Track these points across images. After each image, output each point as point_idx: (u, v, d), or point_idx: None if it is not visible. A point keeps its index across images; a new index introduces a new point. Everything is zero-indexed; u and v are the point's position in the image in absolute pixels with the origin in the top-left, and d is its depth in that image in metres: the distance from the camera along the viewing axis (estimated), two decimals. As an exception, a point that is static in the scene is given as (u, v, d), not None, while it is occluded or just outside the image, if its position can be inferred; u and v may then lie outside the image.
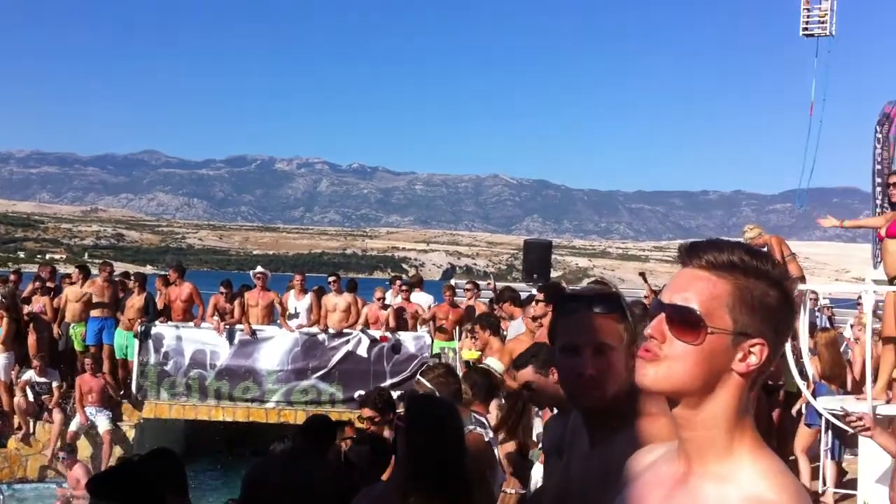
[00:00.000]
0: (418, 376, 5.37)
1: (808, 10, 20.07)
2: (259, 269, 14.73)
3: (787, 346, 8.47)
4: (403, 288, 14.83)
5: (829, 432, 8.21)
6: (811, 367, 8.27)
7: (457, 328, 13.34)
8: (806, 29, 20.01)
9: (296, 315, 14.39)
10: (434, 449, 3.49)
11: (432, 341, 13.86)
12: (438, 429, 3.57)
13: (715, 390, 1.51)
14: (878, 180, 21.69)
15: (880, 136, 22.61)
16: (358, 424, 6.96)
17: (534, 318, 7.73)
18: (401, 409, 6.39)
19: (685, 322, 1.50)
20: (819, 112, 20.85)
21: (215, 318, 14.33)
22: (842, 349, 12.12)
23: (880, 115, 22.78)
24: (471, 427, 4.87)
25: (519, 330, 8.34)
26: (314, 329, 14.27)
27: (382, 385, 13.02)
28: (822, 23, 20.02)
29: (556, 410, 3.78)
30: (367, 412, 6.18)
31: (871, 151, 22.59)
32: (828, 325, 13.44)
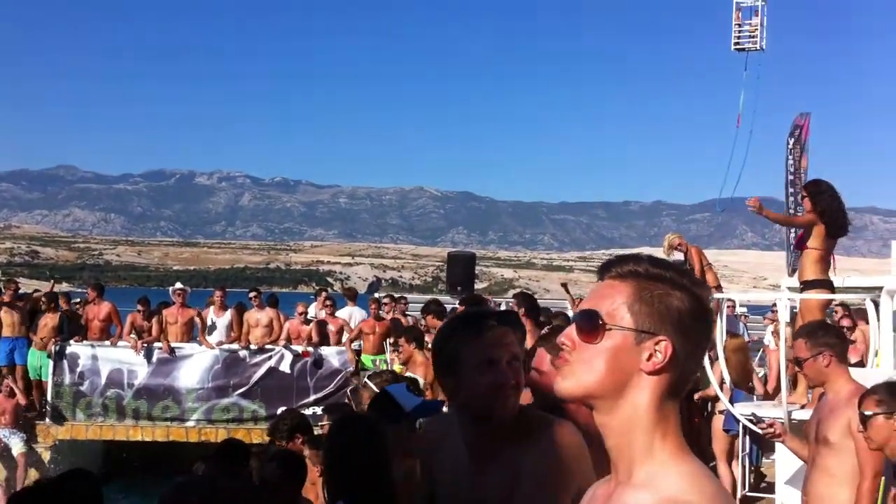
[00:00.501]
0: (365, 379, 5.39)
1: (740, 25, 20.62)
2: (178, 285, 14.46)
3: (705, 355, 8.62)
4: (328, 302, 14.70)
5: (747, 437, 8.38)
6: (727, 374, 8.43)
7: (385, 341, 13.33)
8: (738, 43, 20.56)
9: (213, 328, 14.16)
10: (359, 465, 3.49)
11: (359, 356, 13.74)
12: (363, 446, 3.56)
13: (626, 392, 1.54)
14: (791, 190, 22.42)
15: (792, 146, 23.44)
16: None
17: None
18: (322, 425, 6.36)
19: (589, 325, 1.56)
20: (749, 123, 21.41)
21: (132, 336, 14.02)
22: (759, 356, 12.45)
23: (792, 127, 23.59)
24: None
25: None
26: (235, 346, 14.05)
27: (302, 402, 12.94)
28: (753, 37, 20.58)
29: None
30: (277, 443, 6.14)
31: (784, 162, 23.38)
32: (744, 332, 13.72)
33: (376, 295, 15.75)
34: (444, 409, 3.77)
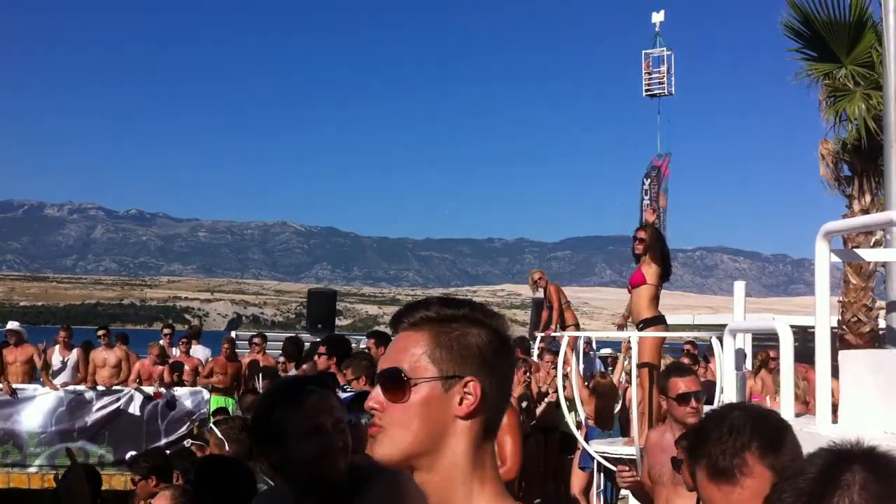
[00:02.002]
0: (211, 425, 5.32)
1: (650, 73, 21.84)
2: (10, 325, 13.75)
3: (560, 391, 8.75)
4: (183, 339, 14.27)
5: (602, 474, 8.51)
6: (583, 412, 8.56)
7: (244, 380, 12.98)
8: (648, 90, 21.74)
9: (63, 368, 13.51)
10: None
11: (210, 397, 13.35)
12: (230, 492, 3.53)
13: (444, 443, 1.48)
14: (645, 228, 23.21)
15: (647, 187, 24.43)
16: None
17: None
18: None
19: (393, 384, 1.50)
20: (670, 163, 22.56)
21: (-31, 377, 13.18)
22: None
23: (648, 168, 24.61)
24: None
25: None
26: (81, 387, 13.42)
27: (153, 446, 12.41)
28: (662, 84, 21.75)
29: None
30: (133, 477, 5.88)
31: (639, 202, 24.34)
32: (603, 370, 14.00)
33: (232, 334, 15.36)
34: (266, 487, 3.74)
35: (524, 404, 9.25)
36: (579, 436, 8.32)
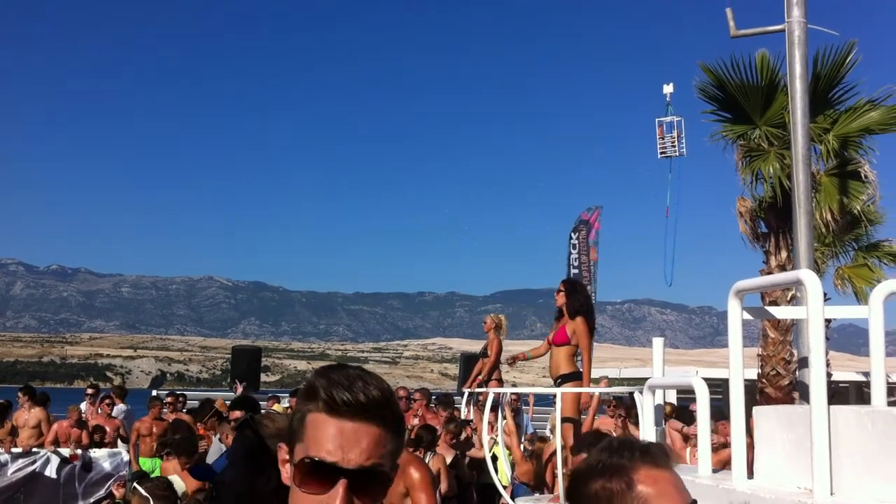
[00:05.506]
0: (135, 484, 5.26)
1: (662, 138, 23.43)
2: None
3: (486, 448, 8.74)
4: (107, 401, 13.90)
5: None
6: (509, 469, 8.55)
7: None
8: (663, 152, 23.28)
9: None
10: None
11: (135, 458, 12.99)
12: None
13: None
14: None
15: (576, 241, 24.97)
16: None
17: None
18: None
19: (381, 485, 1.42)
20: (674, 216, 24.24)
21: None
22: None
23: (577, 222, 25.14)
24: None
25: (221, 449, 7.95)
26: (-5, 450, 12.92)
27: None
28: (674, 146, 23.36)
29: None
30: None
31: (566, 256, 24.82)
32: (528, 424, 14.02)
33: (154, 392, 15.03)
34: None
35: (448, 460, 9.19)
36: (505, 494, 8.29)
